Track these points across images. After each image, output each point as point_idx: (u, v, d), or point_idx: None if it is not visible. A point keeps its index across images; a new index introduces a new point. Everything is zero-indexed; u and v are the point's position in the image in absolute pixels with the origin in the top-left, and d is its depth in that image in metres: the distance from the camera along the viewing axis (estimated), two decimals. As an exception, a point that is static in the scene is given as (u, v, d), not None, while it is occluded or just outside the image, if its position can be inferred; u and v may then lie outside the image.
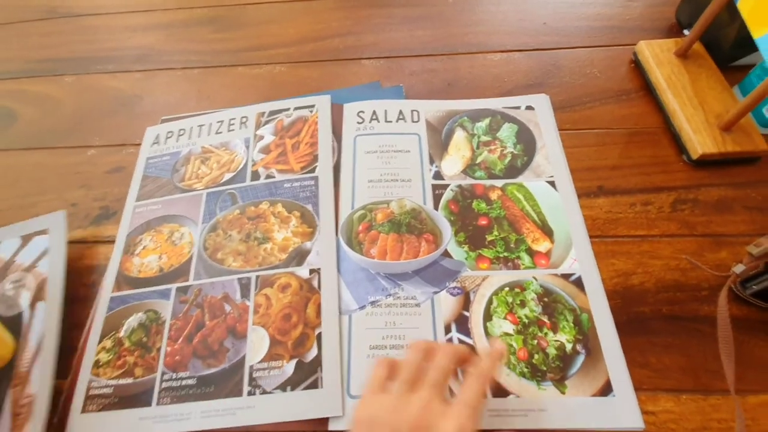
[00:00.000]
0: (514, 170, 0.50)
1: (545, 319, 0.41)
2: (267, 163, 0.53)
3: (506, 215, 0.47)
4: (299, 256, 0.46)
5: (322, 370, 0.40)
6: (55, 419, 0.41)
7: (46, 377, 0.41)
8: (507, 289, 0.43)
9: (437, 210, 0.48)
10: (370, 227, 0.47)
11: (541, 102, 0.55)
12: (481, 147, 0.52)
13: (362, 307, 0.43)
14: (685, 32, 0.60)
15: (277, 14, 0.71)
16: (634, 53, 0.58)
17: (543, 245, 0.45)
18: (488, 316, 0.42)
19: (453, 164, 0.51)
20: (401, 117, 0.55)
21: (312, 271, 0.45)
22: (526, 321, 0.41)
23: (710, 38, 0.54)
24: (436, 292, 0.43)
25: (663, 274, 0.44)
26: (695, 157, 0.49)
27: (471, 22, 0.66)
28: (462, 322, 0.42)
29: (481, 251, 0.45)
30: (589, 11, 0.65)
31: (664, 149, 0.51)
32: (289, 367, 0.41)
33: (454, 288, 0.43)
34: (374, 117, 0.55)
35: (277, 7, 0.72)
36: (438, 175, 0.50)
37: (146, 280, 0.47)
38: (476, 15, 0.67)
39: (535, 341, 0.40)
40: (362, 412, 0.31)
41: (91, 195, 0.55)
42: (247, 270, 0.46)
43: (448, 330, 0.41)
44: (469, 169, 0.51)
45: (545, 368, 0.39)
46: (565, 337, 0.40)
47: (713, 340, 0.39)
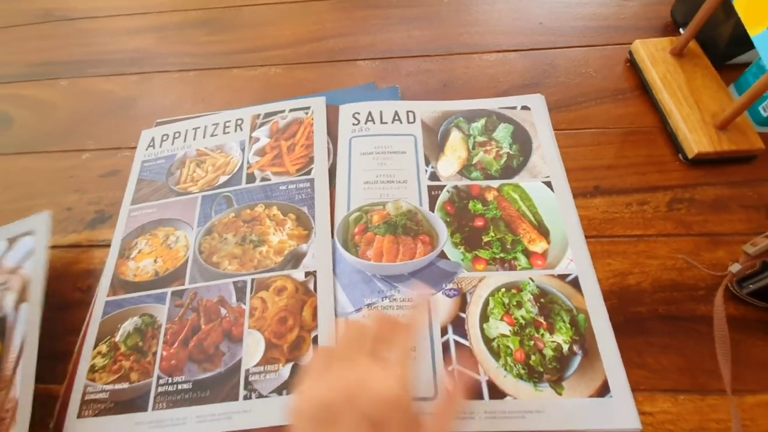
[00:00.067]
0: (510, 171, 0.50)
1: (542, 320, 0.41)
2: (262, 165, 0.53)
3: (502, 216, 0.47)
4: (295, 259, 0.46)
5: (318, 374, 0.40)
6: (51, 424, 0.41)
7: (27, 380, 0.39)
8: (503, 290, 0.43)
9: (433, 211, 0.48)
10: (366, 229, 0.47)
11: (537, 102, 0.55)
12: (477, 147, 0.52)
13: (358, 310, 0.43)
14: (681, 31, 0.60)
15: (272, 16, 0.71)
16: (630, 52, 0.58)
17: (539, 246, 0.45)
18: (485, 318, 0.42)
19: (449, 165, 0.51)
20: (397, 118, 0.55)
21: (308, 273, 0.45)
22: (523, 322, 0.41)
23: (705, 37, 0.54)
24: (432, 294, 0.43)
25: (659, 274, 0.44)
26: (691, 156, 0.48)
27: (466, 22, 0.66)
28: (458, 324, 0.42)
29: (477, 252, 0.45)
30: (584, 11, 0.65)
31: (660, 148, 0.51)
32: (285, 370, 0.40)
33: (451, 289, 0.43)
34: (370, 118, 0.55)
35: (272, 8, 0.72)
36: (434, 176, 0.50)
37: (142, 284, 0.47)
38: (471, 15, 0.67)
39: (532, 342, 0.40)
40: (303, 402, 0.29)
41: (85, 199, 0.55)
42: (243, 273, 0.46)
43: (444, 332, 0.41)
44: (465, 170, 0.51)
45: (542, 369, 0.39)
46: (561, 338, 0.40)
47: (710, 340, 0.39)
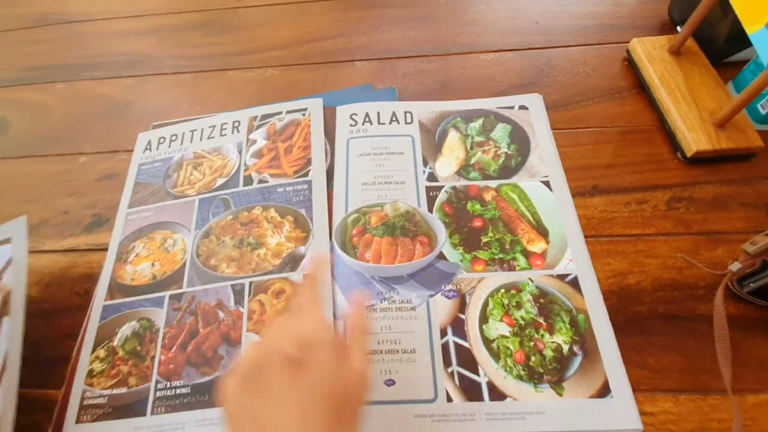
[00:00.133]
0: (508, 170, 0.50)
1: (541, 320, 0.41)
2: (260, 167, 0.53)
3: (501, 216, 0.47)
4: (293, 262, 0.46)
5: (317, 377, 0.40)
6: (49, 430, 0.40)
7: (10, 399, 0.37)
8: (503, 290, 0.43)
9: (431, 212, 0.48)
10: (364, 231, 0.47)
11: (535, 101, 0.55)
12: (475, 148, 0.52)
13: (357, 312, 0.43)
14: (678, 29, 0.60)
15: (268, 17, 0.71)
16: (627, 51, 0.58)
17: (538, 246, 0.45)
18: (484, 319, 0.41)
19: (447, 165, 0.51)
20: (394, 119, 0.55)
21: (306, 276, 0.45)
22: (523, 323, 0.41)
23: (703, 34, 0.54)
24: (431, 295, 0.43)
25: (659, 273, 0.44)
26: (690, 154, 0.48)
27: (463, 22, 0.66)
28: (458, 325, 0.41)
29: (476, 253, 0.45)
30: (581, 9, 0.64)
31: (659, 147, 0.51)
32: (284, 373, 0.40)
33: (450, 291, 0.43)
34: (367, 119, 0.55)
35: (267, 10, 0.71)
36: (432, 177, 0.50)
37: (139, 288, 0.47)
38: (468, 15, 0.67)
39: (532, 343, 0.40)
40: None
41: (82, 202, 0.54)
42: (241, 276, 0.46)
43: (444, 333, 0.41)
44: (463, 170, 0.50)
45: (542, 370, 0.39)
46: (561, 338, 0.40)
47: (711, 340, 0.38)
